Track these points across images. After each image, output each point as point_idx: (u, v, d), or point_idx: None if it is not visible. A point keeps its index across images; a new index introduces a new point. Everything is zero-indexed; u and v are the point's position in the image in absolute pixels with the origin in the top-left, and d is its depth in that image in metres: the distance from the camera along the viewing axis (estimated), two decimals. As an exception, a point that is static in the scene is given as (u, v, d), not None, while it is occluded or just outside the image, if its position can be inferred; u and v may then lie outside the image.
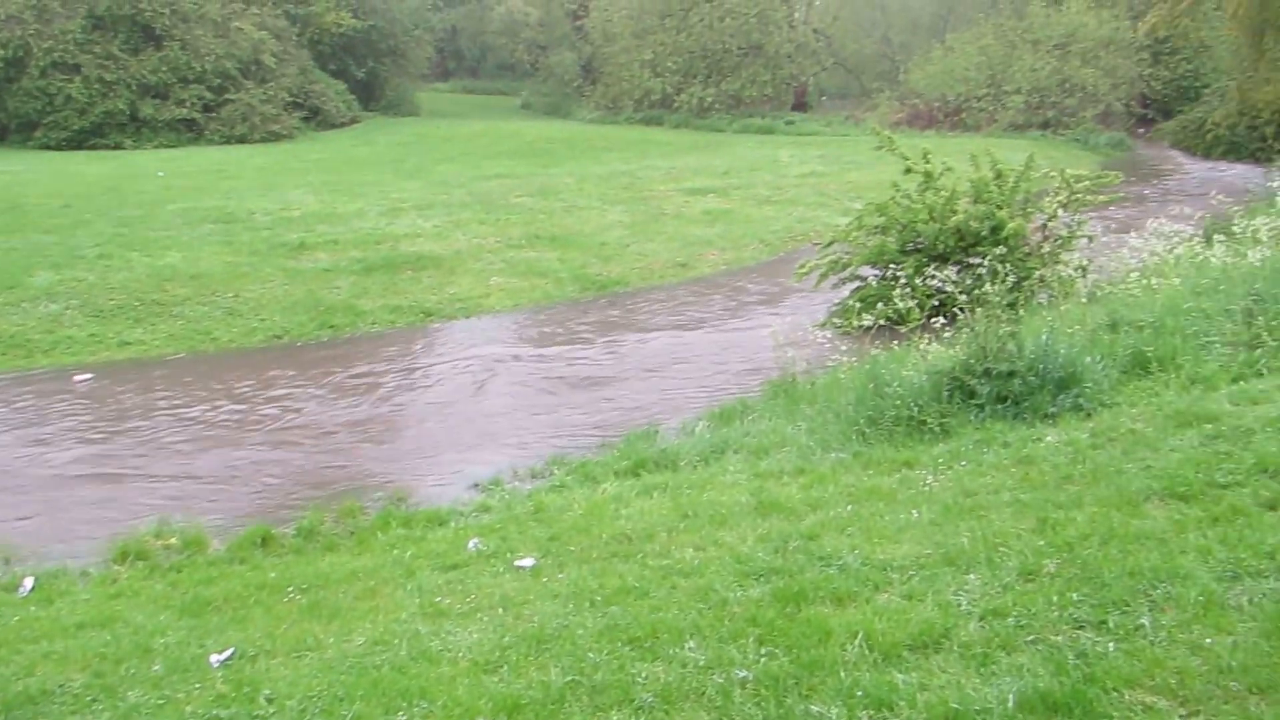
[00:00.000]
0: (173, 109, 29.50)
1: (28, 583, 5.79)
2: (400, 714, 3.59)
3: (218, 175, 21.69)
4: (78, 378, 10.28)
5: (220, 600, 5.25)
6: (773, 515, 5.28)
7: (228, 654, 4.37)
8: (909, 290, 10.41)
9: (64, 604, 5.45)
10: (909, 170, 11.88)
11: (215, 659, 4.33)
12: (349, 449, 8.47)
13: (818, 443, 6.69)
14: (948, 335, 7.84)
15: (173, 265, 13.63)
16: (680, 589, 4.39)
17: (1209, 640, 3.33)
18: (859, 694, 3.28)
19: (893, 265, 11.35)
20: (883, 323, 9.87)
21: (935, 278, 10.73)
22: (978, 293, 8.57)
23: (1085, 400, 6.22)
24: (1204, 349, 6.79)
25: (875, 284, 11.41)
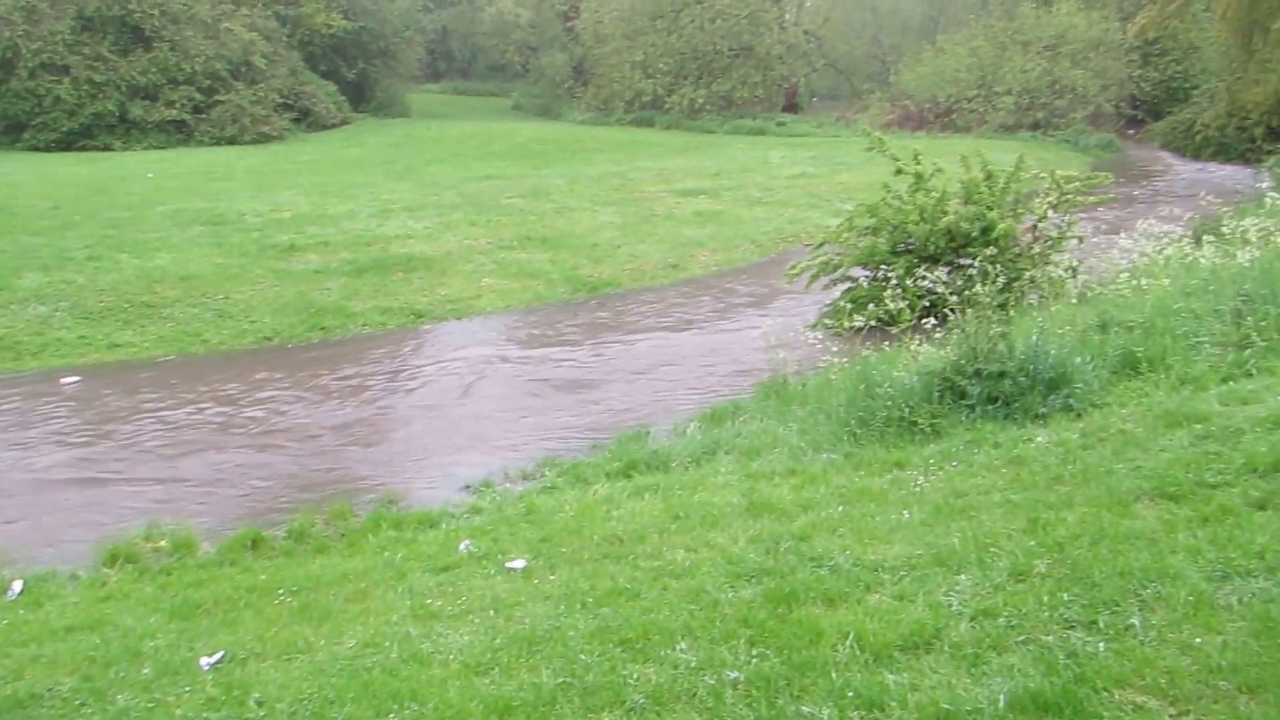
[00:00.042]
0: (162, 110, 29.40)
1: (16, 586, 5.76)
2: (391, 716, 3.58)
3: (208, 177, 21.64)
4: (65, 380, 10.23)
5: (210, 603, 5.22)
6: (764, 516, 5.28)
7: (218, 657, 4.35)
8: (900, 291, 10.44)
9: (53, 607, 5.42)
10: (900, 171, 11.90)
11: (205, 662, 4.31)
12: (339, 451, 8.45)
13: (809, 444, 6.70)
14: (938, 336, 7.87)
15: (162, 267, 13.58)
16: (672, 590, 4.39)
17: (1199, 640, 3.34)
18: (850, 695, 3.28)
19: (883, 266, 11.37)
20: (874, 324, 9.91)
21: (926, 279, 10.77)
22: (968, 294, 8.59)
23: (1076, 401, 6.25)
24: (1194, 349, 6.81)
25: (866, 285, 11.43)
